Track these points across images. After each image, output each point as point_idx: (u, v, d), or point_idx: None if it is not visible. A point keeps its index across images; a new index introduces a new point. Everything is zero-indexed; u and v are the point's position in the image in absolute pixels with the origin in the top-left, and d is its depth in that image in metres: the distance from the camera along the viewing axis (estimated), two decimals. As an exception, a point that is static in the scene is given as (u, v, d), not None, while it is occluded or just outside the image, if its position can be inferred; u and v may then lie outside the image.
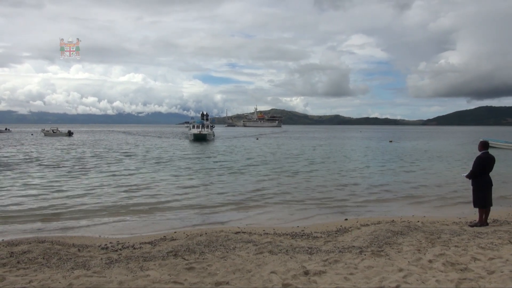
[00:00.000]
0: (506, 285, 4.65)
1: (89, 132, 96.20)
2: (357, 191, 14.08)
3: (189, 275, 5.33)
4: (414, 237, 7.22)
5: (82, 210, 10.71)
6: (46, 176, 17.14)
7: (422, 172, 19.82)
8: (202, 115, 60.21)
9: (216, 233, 7.80)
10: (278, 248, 6.59)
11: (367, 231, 7.81)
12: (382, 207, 11.37)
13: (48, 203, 11.51)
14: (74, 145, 41.21)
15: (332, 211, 10.83)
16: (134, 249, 6.91)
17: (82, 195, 12.75)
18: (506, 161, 24.16)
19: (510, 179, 16.87)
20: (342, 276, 5.13)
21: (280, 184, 15.55)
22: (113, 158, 26.24)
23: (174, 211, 10.67)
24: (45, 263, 5.93)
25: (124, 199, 12.15)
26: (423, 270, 5.31)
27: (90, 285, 4.91)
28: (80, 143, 46.06)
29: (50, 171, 18.96)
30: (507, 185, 15.06)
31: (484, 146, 8.46)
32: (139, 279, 5.13)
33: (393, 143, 50.60)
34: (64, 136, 64.40)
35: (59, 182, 15.54)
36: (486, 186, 8.35)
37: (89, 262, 5.99)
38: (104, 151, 33.59)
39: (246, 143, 50.12)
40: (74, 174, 18.04)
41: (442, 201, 12.24)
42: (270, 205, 11.50)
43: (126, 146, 40.93)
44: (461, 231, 7.80)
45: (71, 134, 67.11)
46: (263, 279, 5.10)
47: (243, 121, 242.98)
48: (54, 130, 69.14)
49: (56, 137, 61.64)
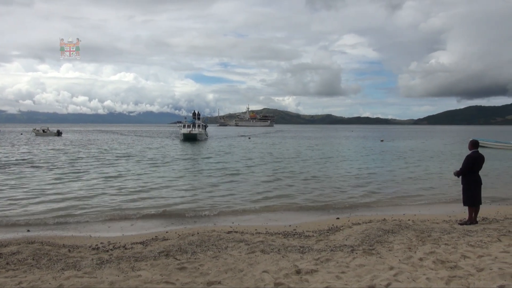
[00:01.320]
0: (495, 282, 4.71)
1: (77, 132, 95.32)
2: (348, 189, 14.14)
3: (181, 275, 5.32)
4: (405, 236, 7.28)
5: (73, 210, 10.60)
6: (37, 177, 16.95)
7: (413, 170, 19.97)
8: (194, 114, 57.61)
9: (208, 233, 7.79)
10: (270, 247, 6.60)
11: (359, 230, 7.86)
12: (373, 206, 11.44)
13: (39, 203, 11.39)
14: (64, 146, 40.80)
15: (324, 210, 10.87)
16: (126, 249, 6.87)
17: (72, 196, 12.62)
18: (496, 160, 24.46)
19: (500, 178, 17.08)
20: (333, 274, 5.16)
21: (273, 183, 15.55)
22: (104, 159, 26.04)
23: (165, 211, 10.60)
24: (35, 264, 5.87)
25: (116, 200, 12.07)
26: (414, 268, 5.36)
27: (81, 286, 4.87)
28: (69, 143, 45.59)
29: (42, 172, 18.75)
30: (496, 183, 15.24)
31: (474, 145, 8.57)
32: (131, 279, 5.11)
33: (384, 143, 50.93)
34: (54, 136, 63.90)
35: (49, 183, 15.39)
36: (475, 185, 8.45)
37: (79, 262, 5.94)
38: (94, 152, 33.32)
39: (239, 143, 50.00)
40: (64, 175, 17.85)
41: (432, 200, 12.34)
42: (262, 205, 11.50)
43: (116, 146, 40.64)
44: (451, 229, 7.88)
45: (60, 134, 66.67)
46: (255, 278, 5.10)
47: (235, 120, 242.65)
48: (44, 129, 68.84)
49: (46, 137, 61.17)
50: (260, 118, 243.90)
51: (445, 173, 18.36)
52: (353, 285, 4.77)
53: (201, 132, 52.72)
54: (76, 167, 20.65)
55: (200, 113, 58.70)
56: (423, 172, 19.32)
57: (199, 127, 52.90)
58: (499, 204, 11.39)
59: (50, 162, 22.85)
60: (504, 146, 36.20)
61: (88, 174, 17.76)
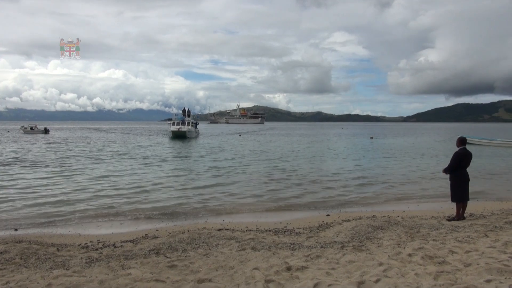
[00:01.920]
0: (481, 277, 4.79)
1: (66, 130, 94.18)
2: (339, 186, 14.22)
3: (171, 273, 5.30)
4: (394, 232, 7.35)
5: (61, 209, 10.48)
6: (23, 175, 16.73)
7: (402, 167, 20.17)
8: (184, 111, 56.22)
9: (199, 230, 7.77)
10: (261, 245, 6.62)
11: (349, 227, 7.92)
12: (363, 203, 11.52)
13: (26, 202, 11.23)
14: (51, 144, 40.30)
15: (314, 207, 10.91)
16: (115, 247, 6.83)
17: (61, 194, 12.49)
18: (483, 157, 24.81)
19: (487, 174, 17.33)
20: (324, 271, 5.19)
21: (265, 181, 15.57)
22: (92, 158, 25.80)
23: (155, 209, 10.55)
24: (23, 263, 5.80)
25: (105, 198, 11.96)
26: (403, 264, 5.42)
27: (70, 285, 4.82)
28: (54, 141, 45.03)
29: (28, 171, 18.51)
30: (484, 180, 15.47)
31: (462, 142, 8.71)
32: (120, 278, 5.07)
33: (374, 140, 51.30)
34: (41, 134, 63.07)
35: (36, 181, 15.20)
36: (463, 181, 8.58)
37: (68, 261, 5.88)
38: (82, 150, 33.00)
39: (230, 140, 49.88)
40: (52, 173, 17.66)
41: (421, 196, 12.48)
42: (253, 201, 11.51)
43: (104, 145, 40.28)
44: (439, 225, 7.98)
45: (47, 132, 65.85)
46: (246, 275, 5.11)
47: (226, 118, 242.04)
48: (32, 127, 68.01)
49: (34, 135, 60.45)
50: (250, 116, 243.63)
51: (434, 170, 18.56)
52: (343, 281, 4.80)
53: (191, 130, 51.51)
54: (65, 165, 20.41)
55: (190, 110, 57.45)
56: (412, 169, 19.51)
57: (188, 124, 51.68)
58: (486, 200, 11.57)
59: (37, 161, 22.55)
60: (492, 143, 36.74)
61: (76, 173, 17.57)
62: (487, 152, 28.61)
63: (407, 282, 4.73)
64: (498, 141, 37.34)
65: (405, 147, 36.50)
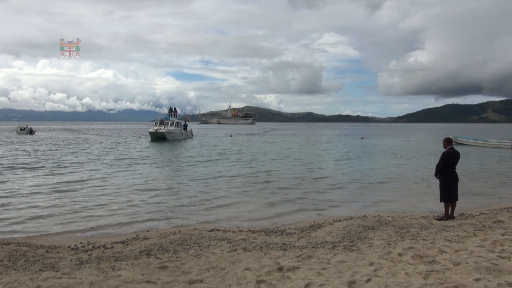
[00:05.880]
0: (470, 275, 4.85)
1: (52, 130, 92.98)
2: (330, 187, 14.27)
3: (163, 274, 5.27)
4: (385, 232, 7.41)
5: (50, 211, 10.36)
6: (10, 179, 16.52)
7: (393, 167, 20.31)
8: (170, 110, 50.60)
9: (190, 231, 7.74)
10: (252, 245, 6.62)
11: (340, 227, 7.96)
12: (354, 202, 11.57)
13: (14, 204, 11.09)
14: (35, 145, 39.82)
15: (306, 207, 10.92)
16: (106, 249, 6.77)
17: (50, 197, 12.35)
18: (472, 157, 25.11)
19: (476, 174, 17.53)
20: (315, 271, 5.21)
21: (256, 181, 15.57)
22: (78, 160, 25.55)
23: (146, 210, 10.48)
24: (11, 265, 5.72)
25: (95, 200, 11.86)
26: (393, 263, 5.46)
27: (59, 287, 4.78)
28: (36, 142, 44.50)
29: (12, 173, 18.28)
30: (472, 179, 15.63)
31: (449, 142, 8.85)
32: (111, 279, 5.03)
33: (365, 140, 51.61)
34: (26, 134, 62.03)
35: (23, 182, 15.02)
36: (451, 181, 8.68)
37: (58, 263, 5.82)
38: (67, 152, 32.66)
39: (221, 142, 49.70)
40: (39, 175, 17.45)
41: (411, 196, 12.57)
42: (244, 202, 11.50)
43: (88, 146, 39.91)
44: (429, 225, 8.07)
45: (33, 132, 64.76)
46: (237, 276, 5.11)
47: (217, 118, 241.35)
48: (22, 127, 66.98)
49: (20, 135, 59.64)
50: (242, 116, 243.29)
51: (425, 170, 18.73)
52: (334, 281, 4.82)
53: (172, 131, 45.07)
54: (49, 167, 20.17)
55: (176, 110, 51.80)
56: (403, 168, 19.66)
57: (172, 125, 45.78)
58: (475, 200, 11.70)
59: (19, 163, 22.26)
60: (481, 143, 37.18)
61: (65, 175, 17.39)
62: (477, 152, 28.95)
63: (398, 281, 4.77)
64: (488, 142, 37.80)
65: (395, 147, 36.77)
